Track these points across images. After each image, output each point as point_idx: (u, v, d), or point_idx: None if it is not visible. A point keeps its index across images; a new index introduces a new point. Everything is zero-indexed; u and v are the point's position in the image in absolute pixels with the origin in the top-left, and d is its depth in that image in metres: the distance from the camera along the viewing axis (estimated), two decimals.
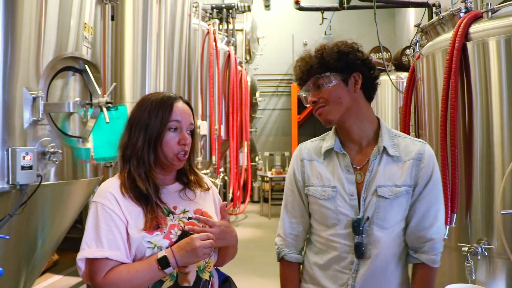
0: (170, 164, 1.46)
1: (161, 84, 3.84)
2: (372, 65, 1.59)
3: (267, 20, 12.30)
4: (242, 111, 8.03)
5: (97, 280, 1.34)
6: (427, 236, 1.54)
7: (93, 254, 1.34)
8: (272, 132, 13.17)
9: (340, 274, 1.54)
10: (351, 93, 1.55)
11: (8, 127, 1.99)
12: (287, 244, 1.66)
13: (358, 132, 1.57)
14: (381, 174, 1.52)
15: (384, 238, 1.51)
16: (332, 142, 1.60)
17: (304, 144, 1.71)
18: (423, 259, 1.55)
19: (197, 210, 1.51)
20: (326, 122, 1.57)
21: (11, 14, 2.01)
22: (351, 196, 1.53)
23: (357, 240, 1.51)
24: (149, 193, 1.42)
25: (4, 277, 1.83)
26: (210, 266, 1.50)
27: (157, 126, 1.44)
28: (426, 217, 1.54)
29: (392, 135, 1.59)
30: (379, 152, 1.54)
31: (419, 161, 1.54)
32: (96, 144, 2.57)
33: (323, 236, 1.58)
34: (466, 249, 2.46)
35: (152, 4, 3.78)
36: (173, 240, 1.39)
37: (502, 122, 2.46)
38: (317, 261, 1.60)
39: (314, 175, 1.60)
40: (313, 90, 1.57)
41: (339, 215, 1.53)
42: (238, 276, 1.77)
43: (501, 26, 2.50)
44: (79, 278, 4.82)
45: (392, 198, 1.50)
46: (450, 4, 3.63)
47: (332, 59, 1.52)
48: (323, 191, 1.56)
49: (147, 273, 1.34)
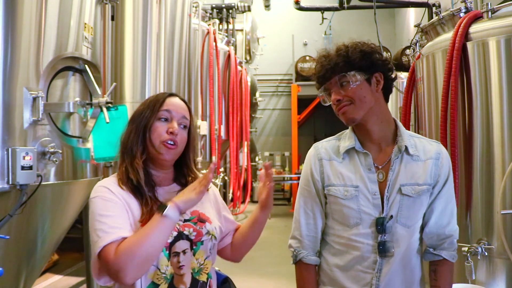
0: (158, 153, 1.44)
1: (161, 84, 3.83)
2: (391, 66, 1.61)
3: (267, 20, 12.31)
4: (242, 111, 8.03)
5: (110, 260, 1.28)
6: (446, 232, 1.58)
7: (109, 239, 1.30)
8: (272, 132, 13.19)
9: (363, 274, 1.53)
10: (373, 93, 1.55)
11: (8, 127, 1.99)
12: (305, 246, 1.63)
13: (378, 132, 1.58)
14: (403, 173, 1.54)
15: (406, 236, 1.53)
16: (352, 141, 1.59)
17: (320, 143, 1.69)
18: (444, 255, 1.58)
19: (194, 211, 1.49)
20: (349, 121, 1.56)
21: (11, 14, 2.01)
22: (374, 195, 1.53)
23: (380, 239, 1.51)
24: (140, 184, 1.41)
25: (4, 277, 1.83)
26: (207, 267, 1.48)
27: (147, 115, 1.46)
28: (444, 214, 1.58)
29: (409, 136, 1.61)
30: (400, 151, 1.55)
31: (438, 161, 1.57)
32: (96, 144, 2.57)
33: (344, 236, 1.56)
34: (466, 249, 2.46)
35: (152, 4, 3.78)
36: (169, 241, 1.38)
37: (502, 122, 2.46)
38: (337, 262, 1.58)
39: (334, 175, 1.58)
40: (336, 88, 1.55)
41: (362, 214, 1.53)
42: (238, 276, 1.77)
43: (501, 26, 2.50)
44: (79, 278, 4.83)
45: (415, 197, 1.53)
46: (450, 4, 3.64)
47: (357, 57, 1.52)
48: (345, 190, 1.55)
49: (153, 226, 1.30)
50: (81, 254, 5.18)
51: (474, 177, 2.56)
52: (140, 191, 1.42)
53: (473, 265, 2.42)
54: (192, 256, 1.43)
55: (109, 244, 1.29)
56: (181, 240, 1.41)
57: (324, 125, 12.47)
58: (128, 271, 1.27)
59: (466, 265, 2.42)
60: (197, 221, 1.48)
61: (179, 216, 1.34)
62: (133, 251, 1.27)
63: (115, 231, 1.31)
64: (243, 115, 8.05)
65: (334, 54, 1.56)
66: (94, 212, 1.36)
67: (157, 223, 1.31)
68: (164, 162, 1.49)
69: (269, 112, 13.11)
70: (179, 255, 1.40)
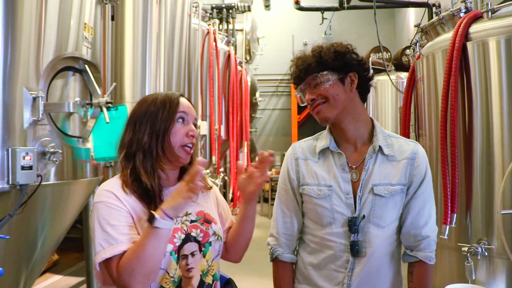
0: (176, 156, 1.42)
1: (161, 84, 3.83)
2: (367, 67, 1.63)
3: (267, 20, 12.30)
4: (242, 111, 8.02)
5: (114, 277, 1.29)
6: (423, 233, 1.57)
7: (110, 252, 1.29)
8: (272, 132, 13.18)
9: (336, 273, 1.55)
10: (347, 92, 1.57)
11: (8, 127, 1.98)
12: (281, 244, 1.66)
13: (353, 132, 1.59)
14: (377, 173, 1.54)
15: (380, 237, 1.53)
16: (327, 141, 1.61)
17: (298, 143, 1.72)
18: (420, 257, 1.57)
19: (199, 212, 1.49)
20: (323, 120, 1.58)
21: (11, 14, 2.00)
22: (347, 194, 1.55)
23: (352, 239, 1.52)
24: (153, 188, 1.38)
25: (4, 277, 1.83)
26: (214, 269, 1.47)
27: (165, 118, 1.41)
28: (421, 215, 1.57)
29: (386, 135, 1.61)
30: (374, 151, 1.56)
31: (413, 161, 1.57)
32: (96, 144, 2.57)
33: (318, 235, 1.58)
34: (466, 249, 2.46)
35: (152, 4, 3.78)
36: (177, 244, 1.37)
37: (502, 122, 2.46)
38: (311, 261, 1.60)
39: (309, 174, 1.61)
40: (310, 88, 1.58)
41: (335, 213, 1.54)
42: (238, 276, 1.77)
43: (501, 26, 2.50)
44: (79, 278, 4.83)
45: (387, 197, 1.53)
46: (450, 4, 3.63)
47: (329, 58, 1.55)
48: (319, 190, 1.57)
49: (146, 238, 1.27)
50: (81, 254, 5.17)
51: (474, 177, 2.56)
52: (149, 195, 1.39)
53: (473, 265, 2.42)
54: (202, 257, 1.43)
55: (113, 258, 1.29)
56: (190, 242, 1.40)
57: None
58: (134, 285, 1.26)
59: (466, 265, 2.42)
60: (203, 221, 1.47)
61: (171, 223, 1.29)
62: (133, 268, 1.26)
63: (117, 244, 1.29)
64: (243, 115, 8.04)
65: (309, 55, 1.59)
66: (98, 218, 1.34)
67: (150, 236, 1.26)
68: (180, 164, 1.47)
69: (269, 112, 13.10)
70: (188, 258, 1.39)
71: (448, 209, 2.55)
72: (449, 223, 2.55)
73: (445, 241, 2.61)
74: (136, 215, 1.36)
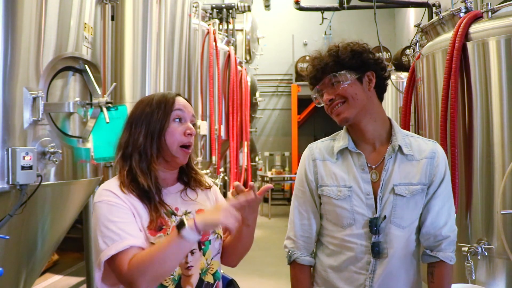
0: (174, 157, 1.41)
1: (161, 84, 3.83)
2: (384, 65, 1.61)
3: (267, 20, 12.31)
4: (242, 111, 8.02)
5: (123, 272, 1.26)
6: (443, 233, 1.55)
7: (116, 249, 1.27)
8: (272, 132, 13.18)
9: (357, 275, 1.53)
10: (365, 91, 1.55)
11: (8, 127, 1.98)
12: (299, 246, 1.63)
13: (372, 132, 1.57)
14: (397, 172, 1.53)
15: (401, 237, 1.51)
16: (346, 141, 1.59)
17: (315, 144, 1.69)
18: (441, 257, 1.55)
19: (199, 210, 1.49)
20: (343, 121, 1.56)
21: (11, 14, 2.00)
22: (367, 195, 1.53)
23: (374, 240, 1.50)
24: (150, 189, 1.38)
25: (4, 277, 1.83)
26: (213, 268, 1.47)
27: (160, 117, 1.40)
28: (441, 215, 1.55)
29: (404, 135, 1.60)
30: (394, 151, 1.55)
31: (433, 160, 1.55)
32: (96, 144, 2.57)
33: (338, 237, 1.56)
34: (466, 249, 2.46)
35: (152, 4, 3.78)
36: None
37: (502, 122, 2.46)
38: (331, 263, 1.58)
39: (328, 175, 1.58)
40: (328, 88, 1.56)
41: (355, 214, 1.52)
42: (238, 276, 1.77)
43: (501, 26, 2.50)
44: (79, 278, 4.83)
45: (409, 197, 1.51)
46: (450, 4, 3.63)
47: (347, 57, 1.53)
48: (339, 191, 1.55)
49: (167, 243, 1.24)
50: (81, 254, 5.17)
51: (474, 177, 2.56)
52: (149, 195, 1.38)
53: (473, 265, 2.42)
54: (201, 256, 1.42)
55: (118, 254, 1.27)
56: None
57: (324, 125, 12.46)
58: (141, 284, 1.26)
59: (466, 265, 2.42)
60: None
61: (198, 237, 1.25)
62: (146, 268, 1.25)
63: (122, 240, 1.28)
64: (243, 115, 8.04)
65: (325, 55, 1.57)
66: (100, 217, 1.33)
67: (172, 242, 1.24)
68: (177, 164, 1.46)
69: (269, 112, 13.11)
70: (187, 256, 1.38)
71: None
72: None
73: None
74: (137, 212, 1.36)
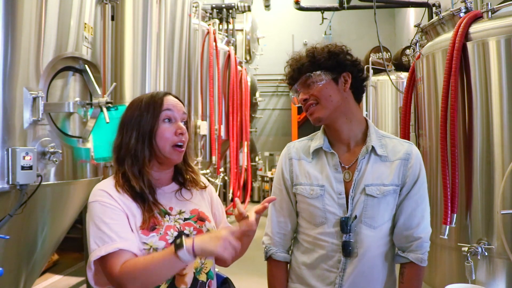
0: (168, 158, 1.41)
1: (161, 84, 3.83)
2: (361, 67, 1.63)
3: (267, 20, 12.30)
4: (242, 111, 8.03)
5: (114, 274, 1.28)
6: (415, 235, 1.56)
7: (105, 250, 1.28)
8: (272, 132, 13.17)
9: (328, 273, 1.55)
10: (341, 92, 1.57)
11: (8, 127, 1.99)
12: (275, 243, 1.67)
13: (347, 132, 1.60)
14: (369, 173, 1.54)
15: (372, 237, 1.53)
16: (321, 141, 1.62)
17: (292, 143, 1.73)
18: (411, 258, 1.57)
19: (193, 210, 1.49)
20: (316, 121, 1.58)
21: (11, 14, 2.01)
22: (339, 194, 1.55)
23: (344, 239, 1.53)
24: (144, 191, 1.38)
25: (4, 277, 1.84)
26: (207, 267, 1.47)
27: (149, 120, 1.40)
28: (414, 216, 1.56)
29: (380, 136, 1.62)
30: (367, 151, 1.56)
31: (406, 161, 1.56)
32: (96, 144, 2.57)
33: (311, 234, 1.59)
34: (466, 249, 2.46)
35: (152, 4, 3.78)
36: (169, 242, 1.37)
37: (502, 122, 2.46)
38: (304, 260, 1.61)
39: (302, 174, 1.62)
40: (304, 88, 1.59)
41: (327, 213, 1.55)
42: (238, 276, 1.77)
43: (501, 26, 2.50)
44: (79, 278, 4.83)
45: (380, 197, 1.53)
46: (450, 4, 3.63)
47: (323, 57, 1.56)
48: (311, 189, 1.58)
49: (162, 258, 1.25)
50: (81, 254, 5.18)
51: (474, 177, 2.56)
52: (142, 196, 1.39)
53: (473, 265, 2.42)
54: None
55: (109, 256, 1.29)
56: None
57: None
58: None
59: (466, 265, 2.42)
60: (197, 219, 1.47)
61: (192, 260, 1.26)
62: (138, 275, 1.27)
63: (113, 242, 1.29)
64: (243, 115, 8.05)
65: (303, 56, 1.60)
66: (92, 217, 1.34)
67: (166, 258, 1.25)
68: (171, 164, 1.47)
69: (269, 112, 13.10)
70: None
71: (448, 209, 2.55)
72: (449, 223, 2.55)
73: (445, 241, 2.62)
74: (130, 213, 1.37)
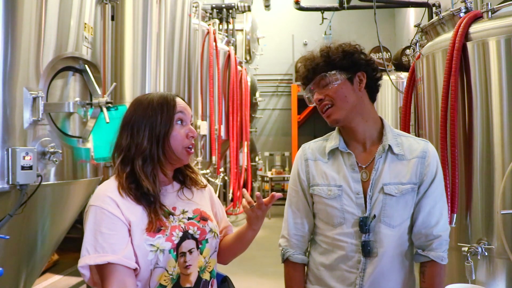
0: (178, 159, 1.43)
1: (161, 84, 3.84)
2: (375, 66, 1.62)
3: (267, 20, 12.30)
4: (242, 111, 8.03)
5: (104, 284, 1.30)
6: (434, 233, 1.55)
7: (94, 260, 1.29)
8: (272, 132, 13.17)
9: (348, 273, 1.54)
10: (356, 91, 1.57)
11: (8, 127, 1.99)
12: (292, 245, 1.65)
13: (362, 132, 1.59)
14: (387, 172, 1.54)
15: (391, 236, 1.52)
16: (337, 141, 1.61)
17: (308, 144, 1.72)
18: (432, 256, 1.56)
19: (196, 210, 1.50)
20: (333, 122, 1.58)
21: (11, 14, 2.01)
22: (357, 194, 1.54)
23: (364, 239, 1.51)
24: (155, 192, 1.39)
25: (4, 277, 1.83)
26: (211, 266, 1.48)
27: (164, 121, 1.41)
28: (432, 214, 1.55)
29: (396, 135, 1.61)
30: (384, 150, 1.56)
31: (423, 159, 1.56)
32: (96, 144, 2.57)
33: (329, 235, 1.57)
34: (466, 249, 2.46)
35: (152, 4, 3.78)
36: (175, 242, 1.37)
37: (502, 122, 2.46)
38: (323, 261, 1.59)
39: (319, 175, 1.60)
40: (319, 88, 1.58)
41: (345, 213, 1.54)
42: (238, 276, 1.77)
43: (501, 26, 2.50)
44: (79, 278, 4.83)
45: (398, 196, 1.52)
46: (450, 4, 3.63)
47: (337, 57, 1.55)
48: (329, 190, 1.57)
49: None
50: None
51: (474, 177, 2.56)
52: (148, 198, 1.39)
53: (473, 265, 2.42)
54: (199, 254, 1.43)
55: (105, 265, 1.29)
56: (187, 239, 1.41)
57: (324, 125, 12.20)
58: None
59: (466, 265, 2.42)
60: (200, 219, 1.48)
61: None
62: None
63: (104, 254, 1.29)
64: (243, 115, 8.05)
65: (317, 55, 1.59)
66: (90, 223, 1.34)
67: None
68: (180, 165, 1.49)
69: (269, 112, 13.10)
70: (186, 255, 1.39)
71: (448, 209, 2.55)
72: (449, 223, 2.55)
73: None
74: (134, 217, 1.36)
